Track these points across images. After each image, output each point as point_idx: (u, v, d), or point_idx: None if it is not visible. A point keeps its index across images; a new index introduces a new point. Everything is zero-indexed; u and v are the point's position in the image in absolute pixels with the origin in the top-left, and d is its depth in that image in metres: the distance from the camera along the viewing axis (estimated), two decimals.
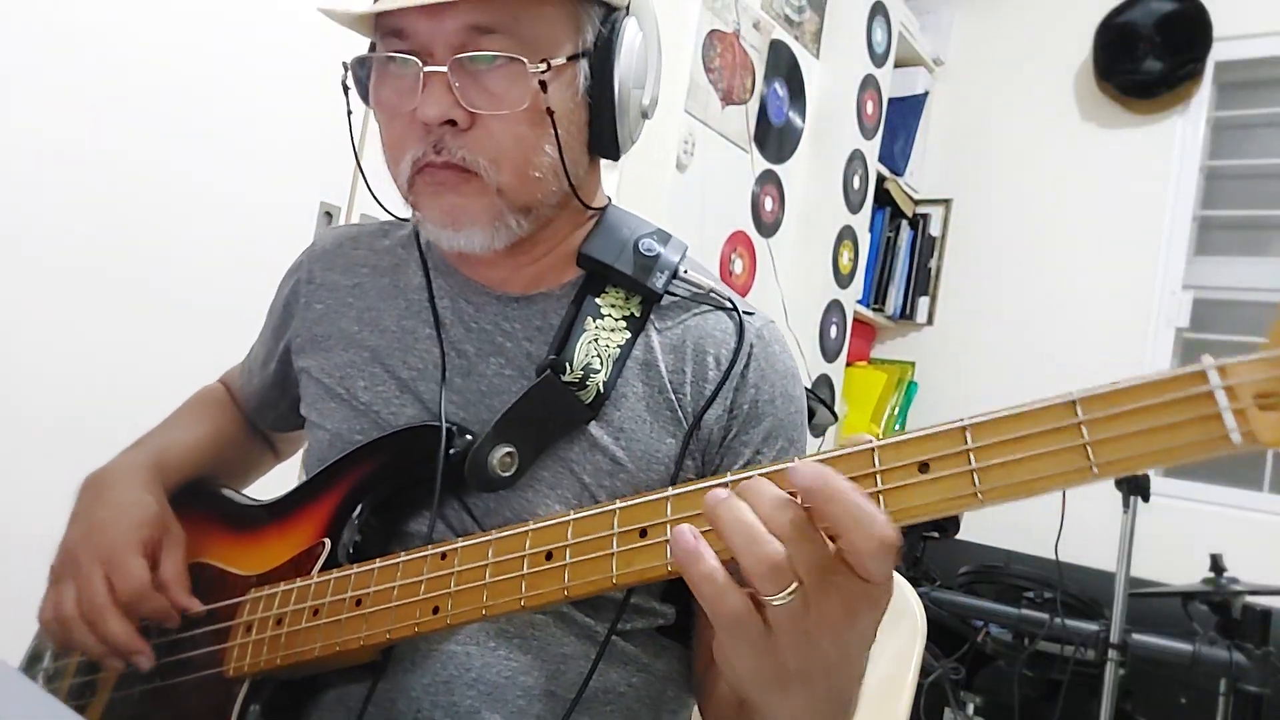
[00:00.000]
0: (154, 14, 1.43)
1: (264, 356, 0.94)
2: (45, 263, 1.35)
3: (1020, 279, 2.99)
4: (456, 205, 0.71)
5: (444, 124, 0.69)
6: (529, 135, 0.70)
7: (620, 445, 0.74)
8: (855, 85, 2.70)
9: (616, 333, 0.76)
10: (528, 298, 0.80)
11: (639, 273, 0.77)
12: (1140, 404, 0.45)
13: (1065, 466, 0.46)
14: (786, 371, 0.79)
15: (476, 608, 0.61)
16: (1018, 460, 0.47)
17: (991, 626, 2.13)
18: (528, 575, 0.59)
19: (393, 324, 0.82)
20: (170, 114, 1.47)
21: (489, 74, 0.69)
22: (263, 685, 0.72)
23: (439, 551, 0.64)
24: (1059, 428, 0.46)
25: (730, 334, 0.78)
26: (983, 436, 0.48)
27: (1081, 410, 0.46)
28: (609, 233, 0.79)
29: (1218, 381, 0.44)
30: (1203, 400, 0.44)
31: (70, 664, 0.84)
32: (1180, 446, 0.44)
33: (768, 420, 0.77)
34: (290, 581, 0.72)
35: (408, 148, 0.71)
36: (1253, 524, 2.51)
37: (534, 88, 0.69)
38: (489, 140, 0.70)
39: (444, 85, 0.68)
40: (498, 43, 0.68)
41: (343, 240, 0.90)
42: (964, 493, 0.47)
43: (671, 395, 0.76)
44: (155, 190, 1.46)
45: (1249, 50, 2.75)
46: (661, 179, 2.19)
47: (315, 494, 0.78)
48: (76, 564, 0.76)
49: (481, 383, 0.77)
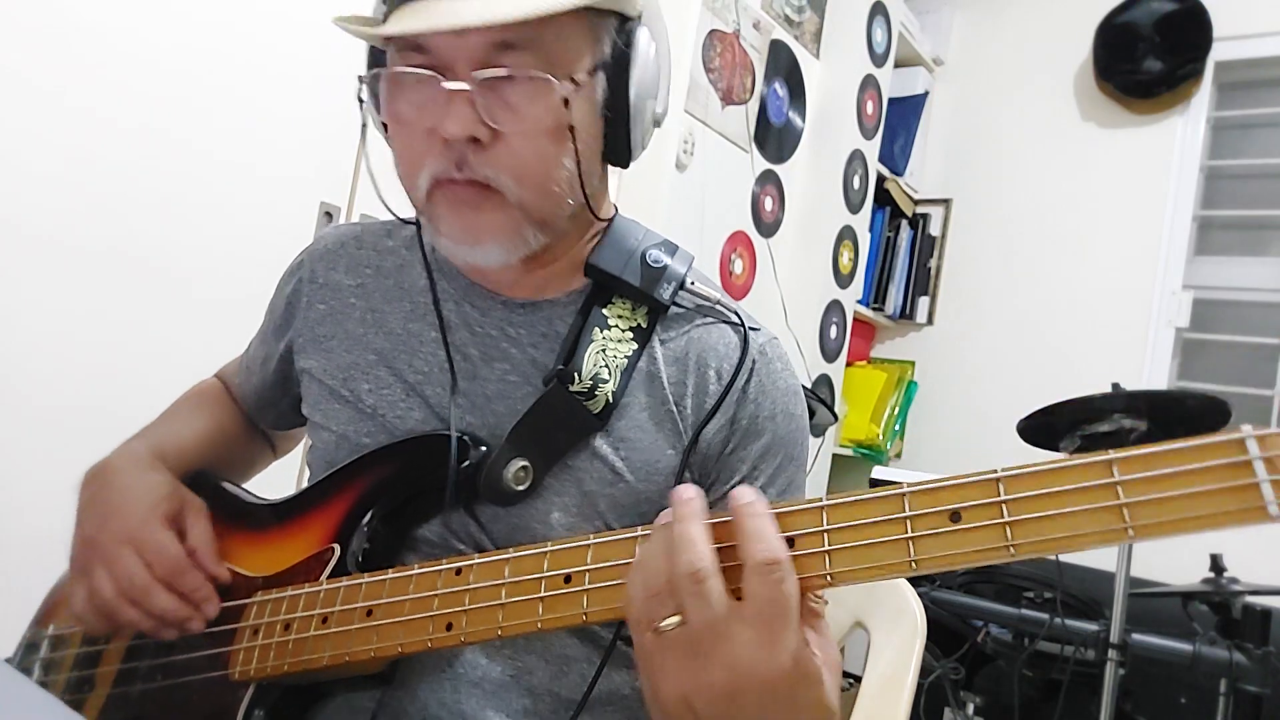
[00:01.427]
0: (155, 14, 1.43)
1: (264, 355, 0.93)
2: (46, 262, 1.35)
3: (1020, 279, 3.00)
4: (477, 223, 0.70)
5: (467, 141, 0.68)
6: (551, 151, 0.70)
7: (620, 456, 0.74)
8: (855, 85, 2.70)
9: (623, 344, 0.76)
10: (533, 304, 0.79)
11: (646, 284, 0.76)
12: (1178, 469, 0.45)
13: (1100, 526, 0.46)
14: (788, 389, 0.79)
15: (492, 627, 0.61)
16: (1051, 517, 0.47)
17: (991, 626, 2.12)
18: (545, 598, 0.59)
19: (398, 326, 0.81)
20: (170, 114, 1.47)
21: (512, 90, 0.67)
22: (268, 690, 0.71)
23: (454, 567, 0.64)
24: (1095, 486, 0.46)
25: (733, 348, 0.77)
26: (1017, 490, 0.48)
27: (1118, 471, 0.46)
28: (616, 243, 0.79)
29: (1256, 453, 0.43)
30: (1241, 469, 0.44)
31: (66, 657, 0.83)
32: (1216, 515, 0.44)
33: (766, 435, 0.76)
34: (298, 586, 0.72)
35: (426, 163, 0.70)
36: None
37: (557, 104, 0.68)
38: (511, 157, 0.68)
39: (467, 102, 0.66)
40: (521, 59, 0.67)
41: (345, 240, 0.89)
42: (995, 545, 0.48)
43: (673, 407, 0.75)
44: (155, 190, 1.46)
45: (1249, 50, 2.75)
46: (661, 179, 2.19)
47: (325, 498, 0.77)
48: (102, 550, 0.75)
49: (486, 387, 0.77)
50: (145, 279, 1.46)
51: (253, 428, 1.00)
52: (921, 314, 3.11)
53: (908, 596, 0.93)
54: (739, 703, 0.48)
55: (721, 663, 0.48)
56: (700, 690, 0.48)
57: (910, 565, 0.49)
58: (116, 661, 0.80)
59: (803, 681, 0.49)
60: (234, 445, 0.96)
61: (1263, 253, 2.74)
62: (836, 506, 0.51)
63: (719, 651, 0.48)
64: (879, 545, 0.50)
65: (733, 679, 0.48)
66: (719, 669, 0.48)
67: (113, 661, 0.80)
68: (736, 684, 0.48)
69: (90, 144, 1.38)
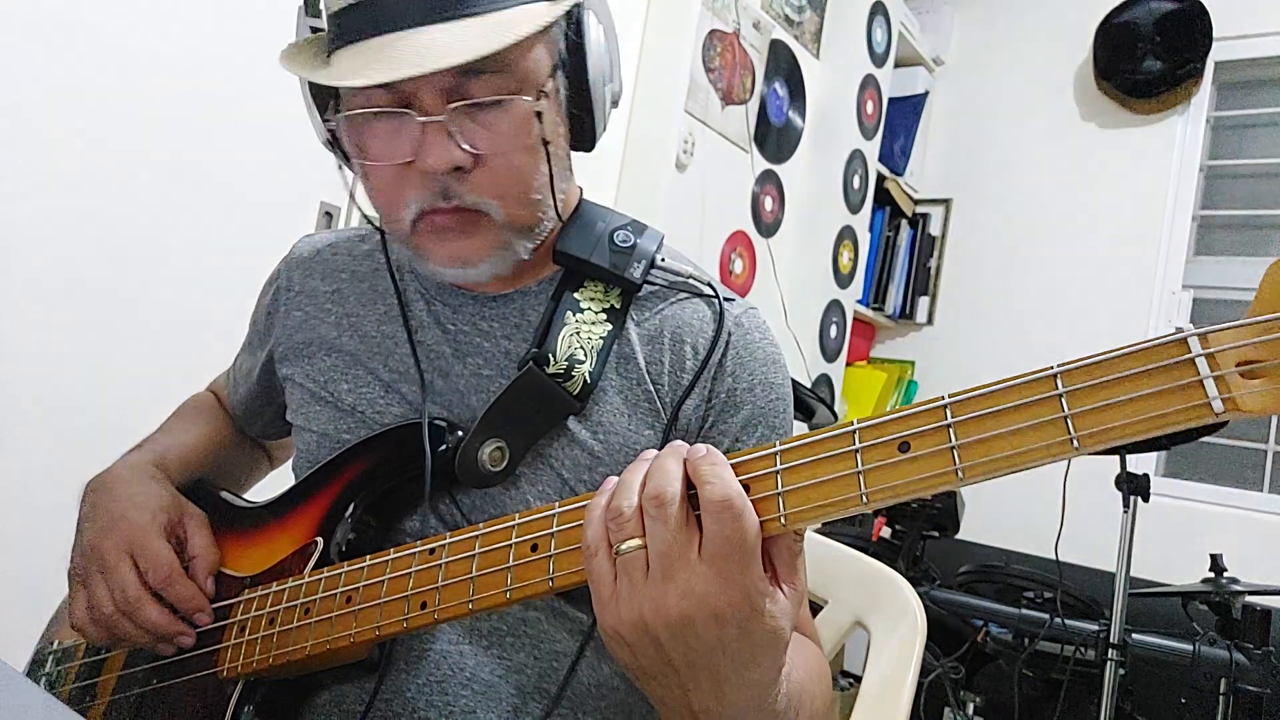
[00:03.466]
0: (154, 13, 1.43)
1: (248, 366, 0.94)
2: (46, 264, 1.35)
3: (1020, 279, 3.00)
4: (467, 248, 0.71)
5: (449, 172, 0.68)
6: (528, 163, 0.70)
7: (598, 439, 0.74)
8: (855, 85, 2.70)
9: (597, 325, 0.76)
10: (505, 296, 0.80)
11: (616, 265, 0.77)
12: (1121, 374, 0.44)
13: (1046, 440, 0.45)
14: (767, 358, 0.79)
15: (463, 602, 0.61)
16: (997, 436, 0.46)
17: (991, 626, 2.13)
18: (513, 567, 0.59)
19: (372, 329, 0.82)
20: (170, 114, 1.47)
21: (486, 114, 0.68)
22: (256, 686, 0.72)
23: (428, 547, 0.64)
24: (1039, 400, 0.45)
25: (708, 322, 0.77)
26: (962, 412, 0.47)
27: (1062, 382, 0.45)
28: (583, 227, 0.79)
29: (1199, 349, 0.42)
30: (1183, 368, 0.43)
31: (72, 668, 0.84)
32: (1161, 416, 0.43)
33: (746, 408, 0.76)
34: (283, 581, 0.72)
35: (407, 197, 0.69)
36: (1253, 524, 2.52)
37: (531, 118, 0.68)
38: (494, 179, 0.69)
39: (443, 134, 0.66)
40: (491, 82, 0.67)
41: (321, 247, 0.90)
42: (944, 470, 0.47)
43: (650, 386, 0.75)
44: (155, 190, 1.46)
45: (1249, 50, 2.75)
46: (661, 179, 2.19)
47: (307, 494, 0.78)
48: (101, 560, 0.76)
49: (460, 382, 0.77)
50: (145, 280, 1.46)
51: (247, 437, 1.00)
52: (921, 314, 3.11)
53: (908, 596, 0.93)
54: (694, 629, 0.49)
55: (678, 589, 0.49)
56: (659, 614, 0.49)
57: (861, 499, 0.48)
58: (117, 669, 0.81)
59: (755, 616, 0.49)
60: (231, 455, 0.97)
61: (1263, 253, 2.74)
62: (790, 449, 0.51)
63: (677, 578, 0.49)
64: (829, 482, 0.49)
65: (687, 606, 0.48)
66: (675, 594, 0.49)
67: (114, 669, 0.81)
68: (691, 611, 0.48)
69: (90, 145, 1.38)
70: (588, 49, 0.72)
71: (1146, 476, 1.87)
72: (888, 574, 0.97)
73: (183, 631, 0.75)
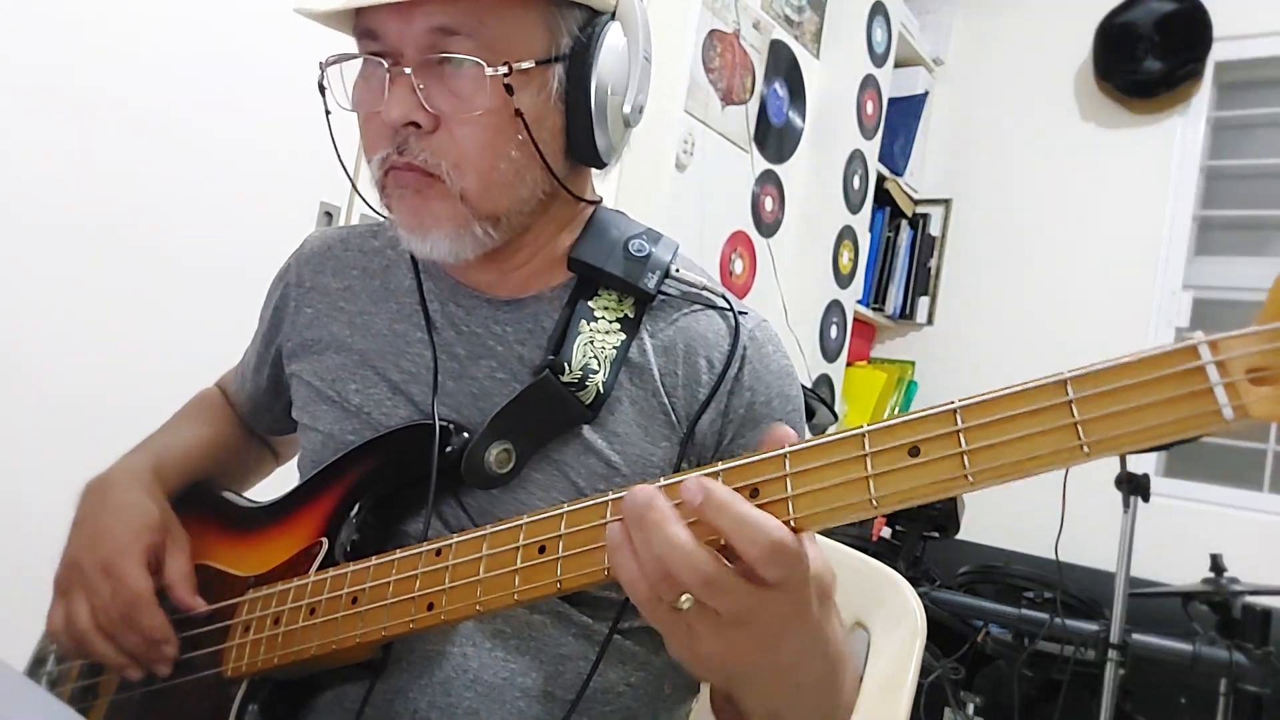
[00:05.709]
0: (154, 14, 1.43)
1: (256, 362, 0.94)
2: (48, 263, 1.35)
3: (1020, 279, 3.00)
4: (420, 208, 0.71)
5: (408, 126, 0.69)
6: (494, 140, 0.70)
7: (615, 449, 0.74)
8: (855, 85, 2.70)
9: (611, 335, 0.75)
10: (518, 301, 0.79)
11: (630, 274, 0.76)
12: (1131, 381, 0.44)
13: (1056, 446, 0.45)
14: (781, 371, 0.79)
15: (470, 603, 0.61)
16: (1007, 441, 0.46)
17: (991, 626, 2.13)
18: (521, 569, 0.59)
19: (384, 327, 0.82)
20: (170, 114, 1.47)
21: (455, 77, 0.68)
22: (261, 685, 0.72)
23: (434, 548, 0.64)
24: (1049, 406, 0.46)
25: (723, 335, 0.77)
26: (973, 418, 0.47)
27: (1072, 389, 0.45)
28: (598, 235, 0.78)
29: (1209, 356, 0.43)
30: (1194, 375, 0.43)
31: (73, 668, 0.84)
32: (1172, 423, 0.43)
33: (765, 423, 0.76)
34: (288, 581, 0.72)
35: (378, 148, 0.71)
36: (1253, 524, 2.52)
37: (498, 91, 0.68)
38: (451, 144, 0.69)
39: (408, 87, 0.68)
40: (462, 45, 0.67)
41: (332, 242, 0.90)
42: (954, 475, 0.47)
43: (665, 399, 0.75)
44: (156, 190, 1.46)
45: (1249, 50, 2.75)
46: (661, 179, 2.19)
47: (312, 494, 0.78)
48: (81, 573, 0.76)
49: (473, 385, 0.77)
50: (146, 279, 1.46)
51: (253, 434, 1.00)
52: (921, 314, 3.11)
53: (908, 596, 0.93)
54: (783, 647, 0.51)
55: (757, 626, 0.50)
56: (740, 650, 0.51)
57: (871, 503, 0.48)
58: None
59: (817, 580, 0.51)
60: (235, 452, 0.97)
61: (1263, 253, 2.75)
62: (799, 452, 0.51)
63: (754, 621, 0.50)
64: (839, 486, 0.49)
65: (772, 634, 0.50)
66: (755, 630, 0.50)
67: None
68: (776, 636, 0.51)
69: (91, 144, 1.38)
70: (595, 53, 0.71)
71: (1147, 476, 1.87)
72: (888, 574, 0.96)
73: (140, 661, 0.75)
